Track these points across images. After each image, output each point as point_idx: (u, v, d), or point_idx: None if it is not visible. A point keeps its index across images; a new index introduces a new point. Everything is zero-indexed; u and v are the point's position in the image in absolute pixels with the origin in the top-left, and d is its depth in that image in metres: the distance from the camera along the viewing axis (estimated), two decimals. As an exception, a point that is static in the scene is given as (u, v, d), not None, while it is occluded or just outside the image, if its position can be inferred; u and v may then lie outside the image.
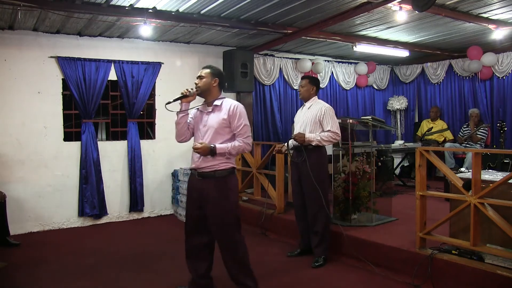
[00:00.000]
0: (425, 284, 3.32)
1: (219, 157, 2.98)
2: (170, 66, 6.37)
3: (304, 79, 4.14)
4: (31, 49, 5.40)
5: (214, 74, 3.10)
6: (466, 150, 6.56)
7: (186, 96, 3.05)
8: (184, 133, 3.17)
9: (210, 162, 2.99)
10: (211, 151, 2.93)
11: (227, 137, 3.03)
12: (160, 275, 3.84)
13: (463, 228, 3.33)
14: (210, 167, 3.00)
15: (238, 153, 3.06)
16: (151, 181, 6.27)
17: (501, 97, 7.13)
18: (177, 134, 3.18)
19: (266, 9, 4.87)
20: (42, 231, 5.47)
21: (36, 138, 5.46)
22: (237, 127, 3.01)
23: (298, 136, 3.89)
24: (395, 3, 4.46)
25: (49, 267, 4.08)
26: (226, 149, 2.97)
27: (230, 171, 3.05)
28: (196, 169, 3.07)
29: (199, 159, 3.03)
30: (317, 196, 3.88)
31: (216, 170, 2.99)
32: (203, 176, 3.03)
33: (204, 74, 3.10)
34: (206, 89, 3.08)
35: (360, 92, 8.45)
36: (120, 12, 4.68)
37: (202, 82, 3.08)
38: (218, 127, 3.01)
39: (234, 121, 3.01)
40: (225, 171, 3.02)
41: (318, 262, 3.92)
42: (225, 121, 3.00)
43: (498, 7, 4.94)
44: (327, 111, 3.91)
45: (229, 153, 2.98)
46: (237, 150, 3.01)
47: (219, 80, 3.11)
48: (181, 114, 3.10)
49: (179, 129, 3.14)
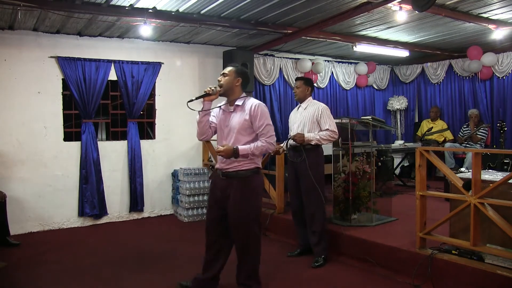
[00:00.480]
0: (425, 284, 3.32)
1: (242, 158, 2.96)
2: (170, 66, 6.37)
3: (298, 80, 4.17)
4: (31, 49, 5.40)
5: (237, 73, 3.06)
6: (466, 150, 6.57)
7: (209, 94, 3.00)
8: (205, 132, 3.13)
9: (234, 162, 2.98)
10: (234, 153, 2.90)
11: (250, 138, 3.00)
12: (160, 275, 3.84)
13: (463, 228, 3.33)
14: (234, 167, 2.99)
15: (261, 153, 3.02)
16: (151, 181, 6.27)
17: (501, 97, 7.13)
18: (199, 133, 3.15)
19: (266, 9, 4.87)
20: (42, 231, 5.47)
21: (36, 138, 5.46)
22: (259, 127, 2.97)
23: (298, 136, 3.90)
24: (395, 3, 4.46)
25: (49, 267, 4.08)
26: (249, 150, 2.93)
27: (254, 171, 3.02)
28: (220, 169, 3.07)
29: (223, 158, 3.02)
30: (316, 195, 3.91)
31: (239, 170, 2.98)
32: (227, 176, 3.03)
33: (227, 72, 3.06)
34: (229, 88, 3.05)
35: (360, 92, 8.45)
36: (120, 12, 4.68)
37: (225, 80, 3.04)
38: (240, 127, 2.98)
39: (256, 121, 2.96)
40: (249, 171, 2.99)
41: (318, 262, 3.92)
42: (247, 122, 2.97)
43: (498, 7, 4.94)
44: (324, 111, 3.97)
45: (252, 154, 2.95)
46: (260, 150, 2.97)
47: (242, 80, 3.07)
48: (203, 113, 3.06)
49: (200, 127, 3.11)
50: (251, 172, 3.00)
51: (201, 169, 6.13)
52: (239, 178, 2.98)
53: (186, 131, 6.53)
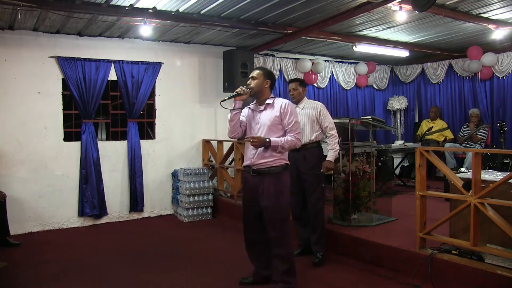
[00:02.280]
0: (425, 284, 3.32)
1: (274, 154, 3.14)
2: (170, 66, 6.37)
3: (293, 82, 4.19)
4: (31, 49, 5.40)
5: (265, 76, 3.27)
6: (466, 150, 6.56)
7: (240, 94, 3.18)
8: (236, 130, 3.31)
9: (265, 158, 3.16)
10: (266, 143, 3.08)
11: (279, 134, 3.18)
12: (160, 275, 3.84)
13: (463, 228, 3.32)
14: (265, 163, 3.16)
15: (290, 147, 3.19)
16: (151, 181, 6.27)
17: (501, 97, 7.13)
18: (230, 131, 3.31)
19: (266, 9, 4.87)
20: (42, 231, 5.47)
21: (36, 138, 5.46)
22: (288, 123, 3.17)
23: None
24: (395, 3, 4.46)
25: (49, 267, 4.07)
26: (280, 142, 3.12)
27: (284, 167, 3.20)
28: (251, 165, 3.23)
29: (254, 155, 3.19)
30: (318, 194, 3.95)
31: (270, 166, 3.15)
32: (258, 172, 3.19)
33: (256, 75, 3.27)
34: (259, 90, 3.25)
35: (360, 92, 8.46)
36: (120, 12, 4.68)
37: (255, 83, 3.25)
38: (271, 124, 3.18)
39: (286, 117, 3.17)
40: (280, 167, 3.18)
41: (319, 258, 3.95)
42: (277, 118, 3.18)
43: (498, 7, 4.94)
44: (322, 109, 4.03)
45: (282, 146, 3.12)
46: (289, 144, 3.15)
47: (270, 82, 3.29)
48: (234, 111, 3.23)
49: (232, 126, 3.27)
50: (282, 169, 3.19)
51: (201, 169, 6.13)
52: (271, 174, 3.16)
53: (186, 131, 6.54)
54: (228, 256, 4.31)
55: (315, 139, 3.99)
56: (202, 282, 3.63)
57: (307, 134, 3.98)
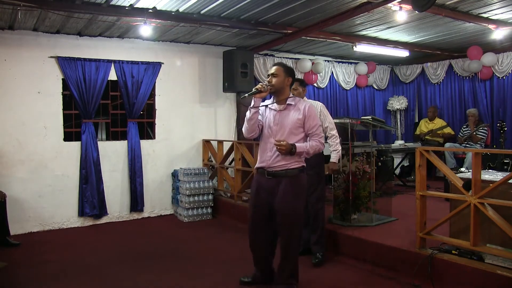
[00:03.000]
0: (425, 284, 3.32)
1: (292, 157, 3.02)
2: (170, 66, 6.37)
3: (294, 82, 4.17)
4: (31, 49, 5.40)
5: (287, 73, 3.10)
6: (466, 150, 6.56)
7: (260, 91, 3.01)
8: (255, 129, 3.13)
9: (283, 161, 3.04)
10: (292, 150, 2.97)
11: (300, 137, 3.07)
12: (160, 275, 3.84)
13: (463, 228, 3.32)
14: (282, 166, 3.05)
15: (314, 152, 3.10)
16: (151, 181, 6.27)
17: (501, 97, 7.13)
18: (248, 130, 3.14)
19: (266, 9, 4.87)
20: (42, 231, 5.47)
21: (36, 138, 5.46)
22: (312, 127, 3.06)
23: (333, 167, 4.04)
24: (395, 3, 4.46)
25: (49, 267, 4.07)
26: (305, 148, 3.02)
27: (301, 170, 3.10)
28: (266, 168, 3.10)
29: (271, 157, 3.06)
30: (318, 194, 3.96)
31: (287, 169, 3.04)
32: (274, 175, 3.07)
33: (277, 71, 3.08)
34: (280, 88, 3.08)
35: (360, 92, 8.46)
36: (120, 12, 4.68)
37: (276, 80, 3.07)
38: (293, 126, 3.04)
39: (309, 121, 3.05)
40: (297, 169, 3.07)
41: (318, 258, 3.96)
42: (300, 121, 3.04)
43: (498, 7, 4.94)
44: (322, 109, 4.03)
45: (307, 152, 3.04)
46: (314, 149, 3.06)
47: (292, 79, 3.14)
48: (253, 109, 3.05)
49: (251, 125, 3.10)
50: (299, 171, 3.08)
51: (201, 169, 6.13)
52: (288, 177, 3.05)
53: (186, 131, 6.54)
54: (228, 256, 4.31)
55: None
56: (202, 282, 3.63)
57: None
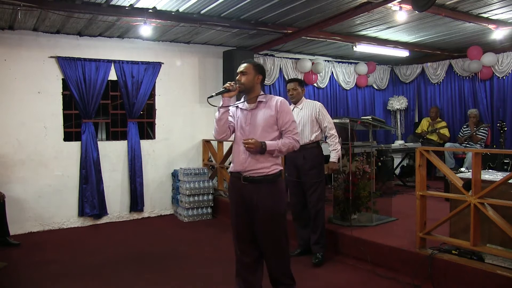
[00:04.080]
0: (425, 284, 3.32)
1: (269, 159, 2.80)
2: (170, 66, 6.37)
3: (292, 82, 4.15)
4: (31, 49, 5.40)
5: (257, 70, 2.91)
6: (466, 150, 6.56)
7: (229, 90, 2.80)
8: (225, 131, 2.91)
9: (260, 164, 2.80)
10: (262, 148, 2.73)
11: (275, 135, 2.85)
12: (160, 275, 3.84)
13: (463, 228, 3.33)
14: (259, 171, 2.80)
15: (288, 150, 2.85)
16: (151, 181, 6.27)
17: (501, 97, 7.14)
18: (218, 132, 2.91)
19: (266, 9, 4.87)
20: (42, 231, 5.47)
21: (36, 138, 5.46)
22: (285, 123, 2.83)
23: (332, 167, 4.00)
24: (395, 3, 4.47)
25: (49, 267, 4.07)
26: (276, 146, 2.78)
27: (278, 175, 2.87)
28: (242, 172, 2.84)
29: (246, 160, 2.81)
30: (319, 194, 3.95)
31: (266, 175, 2.80)
32: (250, 180, 2.81)
33: (246, 70, 2.88)
34: (250, 86, 2.88)
35: (360, 92, 8.45)
36: (120, 12, 4.68)
37: (246, 78, 2.87)
38: (266, 124, 2.83)
39: (282, 117, 2.82)
40: (275, 175, 2.84)
41: (318, 259, 3.95)
42: (273, 118, 2.83)
43: (498, 7, 4.94)
44: (321, 109, 4.02)
45: (279, 150, 2.79)
46: (287, 147, 2.82)
47: (262, 77, 2.94)
48: (222, 109, 2.83)
49: (220, 126, 2.88)
50: (278, 176, 2.86)
51: (201, 169, 6.13)
52: (266, 183, 2.81)
53: (186, 131, 6.54)
54: (227, 256, 4.31)
55: (315, 139, 3.99)
56: (202, 282, 3.63)
57: (307, 134, 3.97)
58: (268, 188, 2.82)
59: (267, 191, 2.81)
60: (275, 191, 2.85)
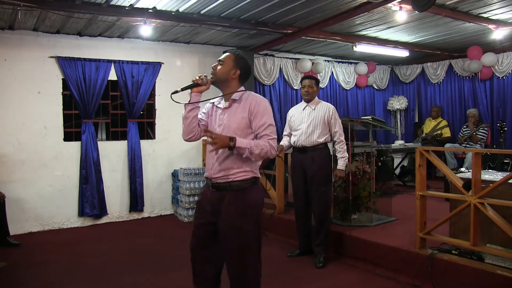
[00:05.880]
0: (425, 284, 3.32)
1: (238, 163, 2.35)
2: (170, 66, 6.37)
3: (308, 79, 4.04)
4: (31, 49, 5.40)
5: (236, 63, 2.44)
6: (466, 150, 6.56)
7: (198, 85, 2.45)
8: (192, 130, 2.49)
9: (227, 169, 2.36)
10: (230, 143, 2.25)
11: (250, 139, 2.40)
12: (160, 275, 3.84)
13: (463, 228, 3.33)
14: (225, 177, 2.36)
15: (261, 154, 2.32)
16: (151, 181, 6.27)
17: (501, 97, 7.14)
18: (185, 131, 2.50)
19: (266, 9, 4.87)
20: (42, 231, 5.47)
21: (36, 138, 5.46)
22: (260, 126, 2.35)
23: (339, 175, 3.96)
24: (395, 3, 4.46)
25: (49, 267, 4.07)
26: (248, 145, 2.27)
27: (251, 182, 2.38)
28: (210, 178, 2.43)
29: (213, 165, 2.40)
30: (326, 197, 3.93)
31: (232, 181, 2.35)
32: (218, 188, 2.40)
33: (224, 59, 2.45)
34: (223, 79, 2.43)
35: (360, 92, 8.46)
36: (120, 12, 4.68)
37: (220, 69, 2.44)
38: (237, 127, 2.37)
39: (256, 119, 2.35)
40: (245, 182, 2.36)
41: (321, 261, 3.93)
42: (245, 119, 2.37)
43: (498, 7, 4.94)
44: (334, 112, 3.95)
45: (251, 151, 2.27)
46: (261, 150, 2.30)
47: (240, 72, 2.45)
48: (189, 106, 2.46)
49: (186, 124, 2.48)
50: (249, 183, 2.37)
51: (201, 169, 6.12)
52: (233, 191, 2.36)
53: (186, 131, 6.53)
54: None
55: (323, 141, 3.92)
56: (202, 282, 3.63)
57: (317, 136, 3.89)
58: (233, 197, 2.35)
59: (233, 199, 2.35)
60: (242, 200, 2.35)
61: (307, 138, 3.92)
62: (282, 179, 5.19)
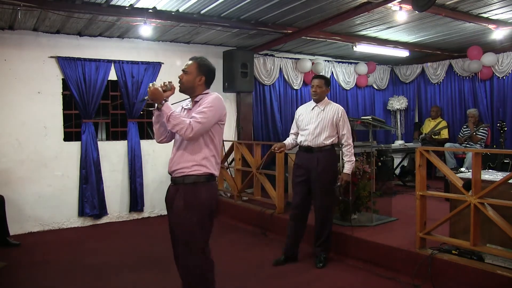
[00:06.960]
0: (425, 284, 3.32)
1: (193, 157, 2.47)
2: (170, 66, 6.36)
3: (319, 78, 3.99)
4: (31, 49, 5.40)
5: (200, 70, 2.58)
6: (466, 150, 6.56)
7: (164, 91, 2.56)
8: (162, 133, 2.67)
9: (182, 163, 2.48)
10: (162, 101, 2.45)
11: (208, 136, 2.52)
12: (160, 275, 3.84)
13: (463, 228, 3.33)
14: (180, 170, 2.49)
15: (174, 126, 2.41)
16: (151, 181, 6.26)
17: (501, 97, 7.14)
18: (155, 134, 2.71)
19: (266, 9, 4.87)
20: (42, 231, 5.47)
21: (36, 138, 5.46)
22: (196, 112, 2.46)
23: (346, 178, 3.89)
24: (395, 3, 4.47)
25: (49, 267, 4.07)
26: (170, 112, 2.41)
27: (205, 178, 2.48)
28: (170, 173, 2.58)
29: (171, 160, 2.56)
30: (331, 199, 3.90)
31: (186, 175, 2.46)
32: (174, 182, 2.54)
33: (188, 69, 2.59)
34: (190, 87, 2.59)
35: (360, 92, 8.46)
36: (120, 12, 4.68)
37: (186, 78, 2.58)
38: None
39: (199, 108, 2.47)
40: (197, 177, 2.46)
41: (322, 262, 3.91)
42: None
43: (498, 7, 4.94)
44: (343, 114, 3.91)
45: (168, 118, 2.40)
46: (178, 123, 2.39)
47: (205, 78, 2.59)
48: (157, 112, 2.56)
49: (156, 129, 2.66)
50: (202, 179, 2.46)
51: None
52: (184, 185, 2.46)
53: (186, 131, 6.53)
54: (227, 256, 4.31)
55: (330, 143, 3.88)
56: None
57: (324, 138, 3.84)
58: (183, 192, 2.46)
59: (181, 194, 2.46)
60: (190, 195, 2.44)
61: (314, 139, 3.86)
62: (282, 179, 5.19)
